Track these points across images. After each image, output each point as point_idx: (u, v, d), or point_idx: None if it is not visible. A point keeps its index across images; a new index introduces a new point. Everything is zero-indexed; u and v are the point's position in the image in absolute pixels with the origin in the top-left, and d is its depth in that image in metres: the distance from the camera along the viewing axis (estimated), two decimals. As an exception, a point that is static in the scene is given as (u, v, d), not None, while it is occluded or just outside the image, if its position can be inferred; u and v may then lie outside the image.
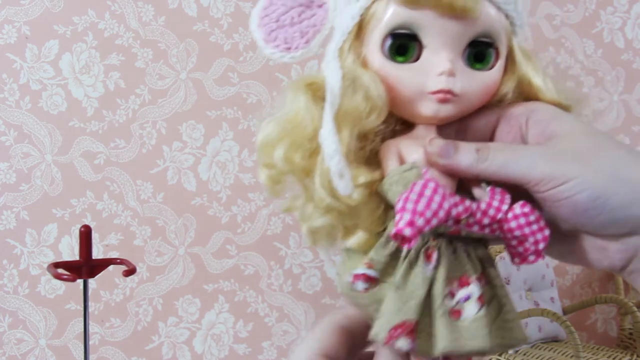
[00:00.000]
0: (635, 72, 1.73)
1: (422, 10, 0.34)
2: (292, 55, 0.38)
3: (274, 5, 0.38)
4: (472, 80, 0.36)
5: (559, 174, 0.33)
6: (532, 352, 1.42)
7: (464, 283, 0.34)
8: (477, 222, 0.34)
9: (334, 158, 0.33)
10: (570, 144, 0.34)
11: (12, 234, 1.35)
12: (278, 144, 0.36)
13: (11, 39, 1.33)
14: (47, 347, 1.37)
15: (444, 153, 0.35)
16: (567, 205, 0.33)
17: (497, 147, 0.35)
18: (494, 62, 0.36)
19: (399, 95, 0.35)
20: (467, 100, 0.36)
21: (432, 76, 0.35)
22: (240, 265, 1.47)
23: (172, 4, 1.41)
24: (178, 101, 1.42)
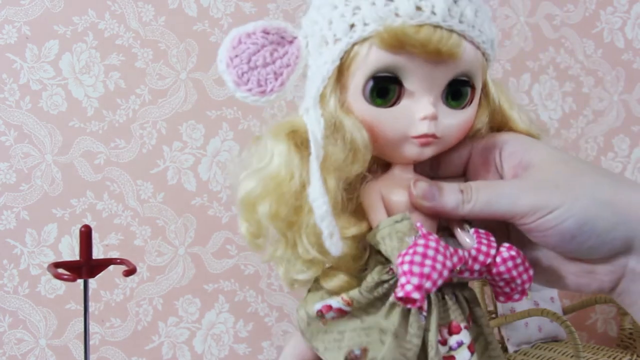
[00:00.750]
0: (635, 72, 1.73)
1: (406, 55, 0.33)
2: (266, 99, 0.37)
3: (243, 44, 0.36)
4: (451, 120, 0.35)
5: (543, 205, 0.33)
6: (532, 352, 1.43)
7: (454, 329, 0.34)
8: (468, 269, 0.34)
9: (325, 219, 0.32)
10: (549, 173, 0.34)
11: (12, 234, 1.35)
12: (262, 201, 0.34)
13: (11, 39, 1.33)
14: (47, 347, 1.37)
15: (428, 196, 0.35)
16: (554, 235, 0.33)
17: (479, 185, 0.35)
18: (470, 98, 0.36)
19: (380, 138, 0.35)
20: (447, 139, 0.36)
21: (415, 121, 0.34)
22: (241, 265, 1.47)
23: (172, 4, 1.41)
24: (178, 101, 1.42)
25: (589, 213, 0.33)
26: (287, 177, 0.34)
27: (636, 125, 1.74)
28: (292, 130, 0.35)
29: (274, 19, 1.48)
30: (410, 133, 0.34)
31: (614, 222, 0.33)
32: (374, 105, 0.34)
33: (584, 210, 0.33)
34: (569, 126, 1.70)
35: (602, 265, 0.34)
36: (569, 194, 0.33)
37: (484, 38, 0.35)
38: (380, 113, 0.34)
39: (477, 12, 0.34)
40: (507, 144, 0.37)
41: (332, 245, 0.32)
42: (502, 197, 0.34)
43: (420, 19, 0.32)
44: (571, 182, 0.34)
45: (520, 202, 0.33)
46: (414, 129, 0.34)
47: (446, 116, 0.35)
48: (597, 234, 0.33)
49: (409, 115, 0.34)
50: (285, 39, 0.37)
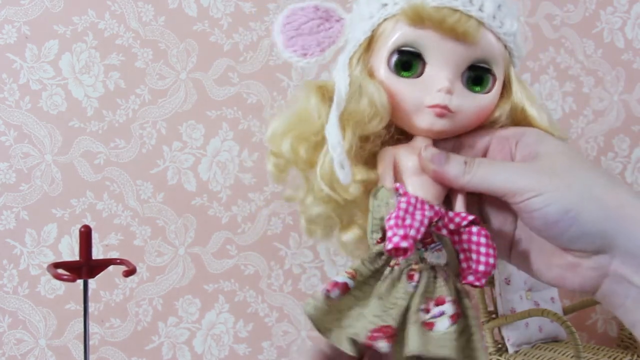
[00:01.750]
0: (635, 72, 1.73)
1: (427, 31, 0.38)
2: (307, 61, 0.42)
3: (296, 15, 0.42)
4: (468, 101, 0.38)
5: (533, 187, 0.35)
6: (532, 352, 1.42)
7: (439, 302, 0.36)
8: (445, 225, 0.37)
9: (336, 149, 0.36)
10: (549, 162, 0.37)
11: (12, 234, 1.34)
12: (286, 135, 0.39)
13: (11, 39, 1.33)
14: (47, 347, 1.37)
15: (436, 160, 0.38)
16: (539, 217, 0.35)
17: (482, 161, 0.38)
18: (490, 86, 0.39)
19: (399, 106, 0.39)
20: (462, 117, 0.39)
21: (432, 92, 0.38)
22: (241, 265, 1.47)
23: (172, 4, 1.41)
24: (178, 101, 1.42)
25: (575, 202, 0.34)
26: (310, 116, 0.39)
27: (636, 125, 1.74)
28: (321, 86, 0.40)
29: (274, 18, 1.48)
30: (426, 102, 0.38)
31: (599, 217, 0.34)
32: (397, 75, 0.38)
33: (571, 198, 0.35)
34: (569, 126, 1.70)
35: (585, 260, 0.36)
36: (561, 181, 0.35)
37: (505, 30, 0.39)
38: (401, 82, 0.38)
39: (501, 6, 0.38)
40: (524, 135, 0.39)
41: (342, 174, 0.36)
42: (498, 175, 0.37)
43: (441, 2, 0.37)
44: (566, 171, 0.36)
45: (513, 181, 0.36)
46: (430, 99, 0.38)
47: (464, 96, 0.38)
48: (579, 224, 0.34)
49: (427, 86, 0.38)
50: (333, 17, 0.43)
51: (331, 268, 1.53)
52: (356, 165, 0.39)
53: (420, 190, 0.39)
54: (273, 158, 0.41)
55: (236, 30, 1.45)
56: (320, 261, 1.52)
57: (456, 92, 0.38)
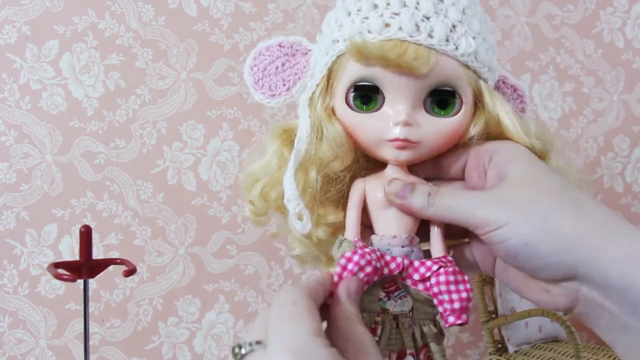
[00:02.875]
0: (635, 72, 1.73)
1: (378, 67, 0.37)
2: (276, 101, 0.42)
3: (262, 55, 0.44)
4: (433, 127, 0.38)
5: (493, 220, 0.35)
6: (532, 352, 1.42)
7: (400, 356, 0.36)
8: (408, 276, 0.38)
9: (291, 202, 0.37)
10: (511, 191, 0.36)
11: (12, 234, 1.34)
12: (256, 184, 0.41)
13: (11, 39, 1.33)
14: (47, 347, 1.37)
15: (400, 194, 0.38)
16: (501, 249, 0.35)
17: (445, 192, 0.38)
18: (457, 108, 0.38)
19: (361, 141, 0.39)
20: (428, 145, 0.38)
21: (390, 125, 0.37)
22: (241, 265, 1.47)
23: (172, 4, 1.41)
24: (178, 101, 1.42)
25: (533, 236, 0.34)
26: (276, 166, 0.40)
27: (636, 125, 1.74)
28: (284, 130, 0.41)
29: (274, 18, 1.48)
30: (385, 137, 0.37)
31: (558, 249, 0.34)
32: (357, 111, 0.38)
33: (528, 232, 0.34)
34: (569, 126, 1.70)
35: (554, 287, 0.36)
36: (519, 214, 0.35)
37: (461, 52, 0.37)
38: (361, 118, 0.38)
39: (455, 26, 0.37)
40: (496, 152, 0.39)
41: (299, 225, 0.37)
42: (460, 207, 0.37)
43: (388, 35, 0.36)
44: (527, 203, 0.35)
45: (474, 213, 0.36)
46: (388, 133, 0.37)
47: (428, 123, 0.38)
48: (539, 257, 0.34)
49: (386, 120, 0.37)
50: (299, 51, 0.43)
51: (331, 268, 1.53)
52: (324, 207, 0.40)
53: (391, 224, 0.39)
54: (250, 205, 0.42)
55: (236, 30, 1.45)
56: (320, 261, 1.52)
57: (419, 121, 0.37)
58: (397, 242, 0.38)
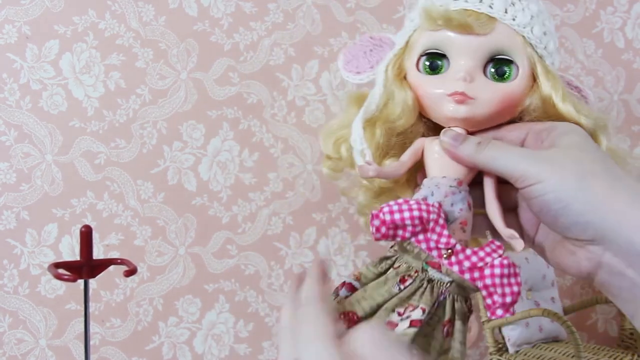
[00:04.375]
0: (635, 72, 1.73)
1: (443, 32, 0.42)
2: (360, 77, 0.49)
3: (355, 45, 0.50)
4: (489, 88, 0.42)
5: (532, 175, 0.37)
6: (532, 352, 1.42)
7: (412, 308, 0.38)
8: (458, 262, 0.38)
9: (357, 141, 0.43)
10: (557, 153, 0.38)
11: (12, 234, 1.34)
12: (330, 138, 0.48)
13: (11, 39, 1.33)
14: (48, 347, 1.37)
15: (452, 141, 0.42)
16: (537, 204, 0.38)
17: (494, 143, 0.41)
18: (514, 77, 0.42)
19: (426, 101, 0.43)
20: (483, 104, 0.42)
21: (451, 82, 0.42)
22: (241, 265, 1.47)
23: (173, 4, 1.41)
24: (178, 101, 1.42)
25: (567, 194, 0.36)
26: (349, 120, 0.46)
27: (636, 125, 1.74)
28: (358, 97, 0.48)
29: (274, 18, 1.48)
30: (447, 91, 0.42)
31: (588, 208, 0.36)
32: (425, 75, 0.43)
33: (564, 189, 0.36)
34: (569, 126, 1.70)
35: (580, 249, 0.37)
36: (558, 172, 0.37)
37: (518, 22, 0.42)
38: (428, 80, 0.43)
39: (514, 2, 0.42)
40: (554, 129, 0.41)
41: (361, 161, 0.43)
42: (504, 158, 0.39)
43: (455, 4, 0.42)
44: (569, 163, 0.37)
45: (516, 166, 0.38)
46: (449, 88, 0.42)
47: (485, 85, 0.42)
48: (570, 214, 0.36)
49: (449, 79, 0.42)
50: (386, 43, 0.49)
51: (331, 268, 1.53)
52: (386, 157, 0.45)
53: (443, 167, 0.42)
54: (326, 161, 0.48)
55: (236, 30, 1.45)
56: (321, 261, 1.52)
57: (477, 82, 0.42)
58: (445, 181, 0.42)
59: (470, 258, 0.38)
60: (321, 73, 1.49)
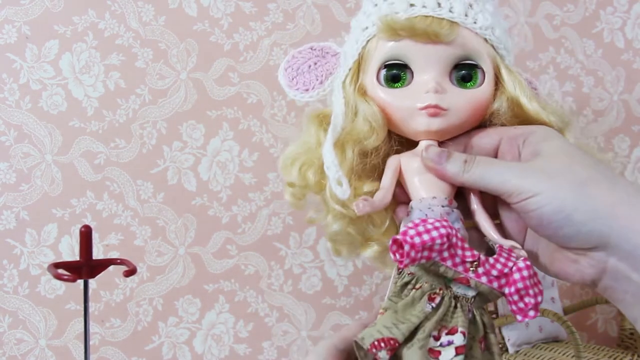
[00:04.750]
0: (635, 72, 1.72)
1: (405, 42, 0.40)
2: (310, 95, 0.47)
3: (295, 58, 0.48)
4: (460, 97, 0.40)
5: (527, 189, 0.36)
6: (532, 352, 1.42)
7: (452, 332, 0.37)
8: (485, 272, 0.38)
9: (331, 168, 0.39)
10: (547, 162, 0.37)
11: (12, 234, 1.34)
12: (294, 164, 0.44)
13: (11, 38, 1.33)
14: (47, 347, 1.37)
15: (436, 159, 0.40)
16: (534, 218, 0.36)
17: (480, 160, 0.39)
18: (480, 81, 0.41)
19: (394, 116, 0.41)
20: (456, 114, 0.40)
21: (421, 95, 0.40)
22: (241, 265, 1.47)
23: (173, 4, 1.41)
24: (178, 101, 1.42)
25: (567, 203, 0.35)
26: (313, 145, 0.43)
27: (636, 125, 1.74)
28: (319, 114, 0.45)
29: (274, 18, 1.47)
30: (418, 105, 0.40)
31: (591, 217, 0.35)
32: (387, 88, 0.41)
33: (563, 199, 0.35)
34: (569, 126, 1.70)
35: (583, 257, 0.37)
36: (553, 183, 0.36)
37: (480, 25, 0.41)
38: (392, 94, 0.41)
39: (472, 4, 0.41)
40: (531, 134, 0.40)
41: (339, 190, 0.39)
42: (495, 175, 0.38)
43: (412, 12, 0.40)
44: (561, 171, 0.36)
45: (508, 182, 0.37)
46: (421, 101, 0.40)
47: (455, 93, 0.40)
48: (572, 224, 0.35)
49: (417, 92, 0.40)
50: (329, 53, 0.48)
51: (331, 268, 1.53)
52: (360, 179, 0.42)
53: (429, 186, 0.40)
54: (289, 188, 0.45)
55: (236, 30, 1.45)
56: (321, 261, 1.52)
57: (447, 90, 0.40)
58: (437, 202, 0.40)
59: (495, 266, 0.38)
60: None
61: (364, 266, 1.56)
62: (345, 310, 1.54)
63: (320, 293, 1.53)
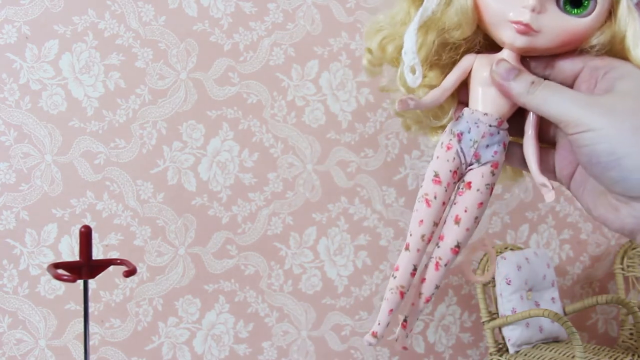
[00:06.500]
0: (636, 72, 1.72)
1: None
2: None
3: None
4: (558, 22, 0.37)
5: (586, 122, 0.35)
6: (533, 352, 1.42)
7: None
8: None
9: (408, 54, 0.38)
10: (614, 101, 0.36)
11: (12, 234, 1.34)
12: (377, 34, 0.43)
13: (11, 39, 1.33)
14: (47, 348, 1.37)
15: (504, 75, 0.39)
16: (585, 153, 0.35)
17: (548, 85, 0.38)
18: (590, 10, 0.38)
19: (485, 17, 0.39)
20: (546, 38, 0.38)
21: (518, 7, 0.37)
22: (241, 265, 1.47)
23: (172, 4, 1.41)
24: (178, 101, 1.42)
25: (621, 147, 0.34)
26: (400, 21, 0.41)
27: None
28: None
29: (274, 18, 1.47)
30: (510, 17, 0.38)
31: None
32: None
33: (618, 142, 0.34)
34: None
35: (625, 206, 0.36)
36: (615, 122, 0.34)
37: None
38: None
39: None
40: (613, 69, 0.38)
41: (410, 78, 0.38)
42: (557, 102, 0.36)
43: None
44: (624, 114, 0.35)
45: (569, 111, 0.36)
46: (514, 14, 0.37)
47: (555, 17, 0.38)
48: (620, 168, 0.34)
49: (516, 2, 0.38)
50: None
51: (331, 268, 1.53)
52: (431, 69, 0.41)
53: (487, 101, 0.40)
54: (367, 54, 0.44)
55: (236, 30, 1.45)
56: (321, 261, 1.52)
57: (548, 11, 0.37)
58: (486, 120, 0.39)
59: None
60: (321, 73, 1.49)
61: (364, 266, 1.56)
62: (345, 310, 1.54)
63: (320, 293, 1.52)
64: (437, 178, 0.40)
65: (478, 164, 0.40)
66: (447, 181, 0.40)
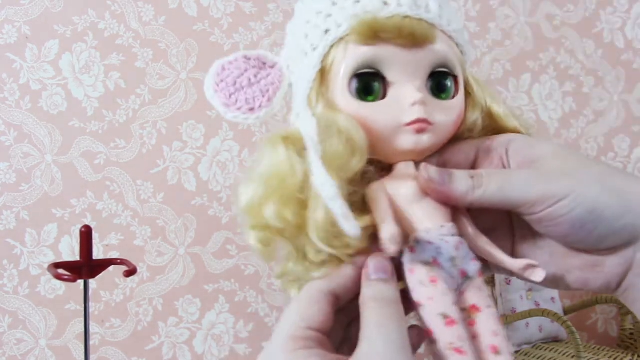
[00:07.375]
0: (635, 72, 1.72)
1: (381, 46, 0.34)
2: (256, 116, 0.37)
3: (226, 70, 0.37)
4: (442, 109, 0.35)
5: (554, 193, 0.33)
6: (533, 352, 1.42)
7: None
8: None
9: (336, 201, 0.31)
10: (557, 163, 0.34)
11: (12, 234, 1.34)
12: (267, 203, 0.34)
13: (11, 39, 1.33)
14: (47, 348, 1.37)
15: (439, 180, 0.34)
16: (564, 223, 0.33)
17: (490, 172, 0.35)
18: (455, 91, 0.36)
19: (375, 134, 0.34)
20: (442, 129, 0.35)
21: (405, 108, 0.34)
22: (241, 265, 1.47)
23: (173, 4, 1.41)
24: (178, 101, 1.42)
25: (598, 200, 0.33)
26: (288, 172, 0.33)
27: (636, 125, 1.74)
28: (286, 135, 0.35)
29: (274, 18, 1.47)
30: (403, 120, 0.34)
31: (622, 211, 0.33)
32: (362, 102, 0.34)
33: (593, 197, 0.33)
34: (569, 126, 1.70)
35: (609, 257, 0.34)
36: (578, 182, 0.33)
37: (454, 27, 0.36)
38: (370, 107, 0.34)
39: (441, 5, 0.36)
40: (513, 142, 0.37)
41: (348, 226, 0.31)
42: (514, 185, 0.34)
43: (388, 11, 0.34)
44: (579, 171, 0.34)
45: (531, 189, 0.33)
46: (406, 116, 0.34)
47: (436, 105, 0.35)
48: (605, 222, 0.33)
49: (399, 104, 0.34)
50: (267, 64, 0.38)
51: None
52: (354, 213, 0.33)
53: (432, 214, 0.35)
54: (255, 232, 0.35)
55: (236, 30, 1.45)
56: (321, 261, 1.52)
57: (429, 104, 0.35)
58: (447, 232, 0.34)
59: None
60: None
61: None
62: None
63: (320, 293, 1.53)
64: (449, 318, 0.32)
65: (468, 280, 0.34)
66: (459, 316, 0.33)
